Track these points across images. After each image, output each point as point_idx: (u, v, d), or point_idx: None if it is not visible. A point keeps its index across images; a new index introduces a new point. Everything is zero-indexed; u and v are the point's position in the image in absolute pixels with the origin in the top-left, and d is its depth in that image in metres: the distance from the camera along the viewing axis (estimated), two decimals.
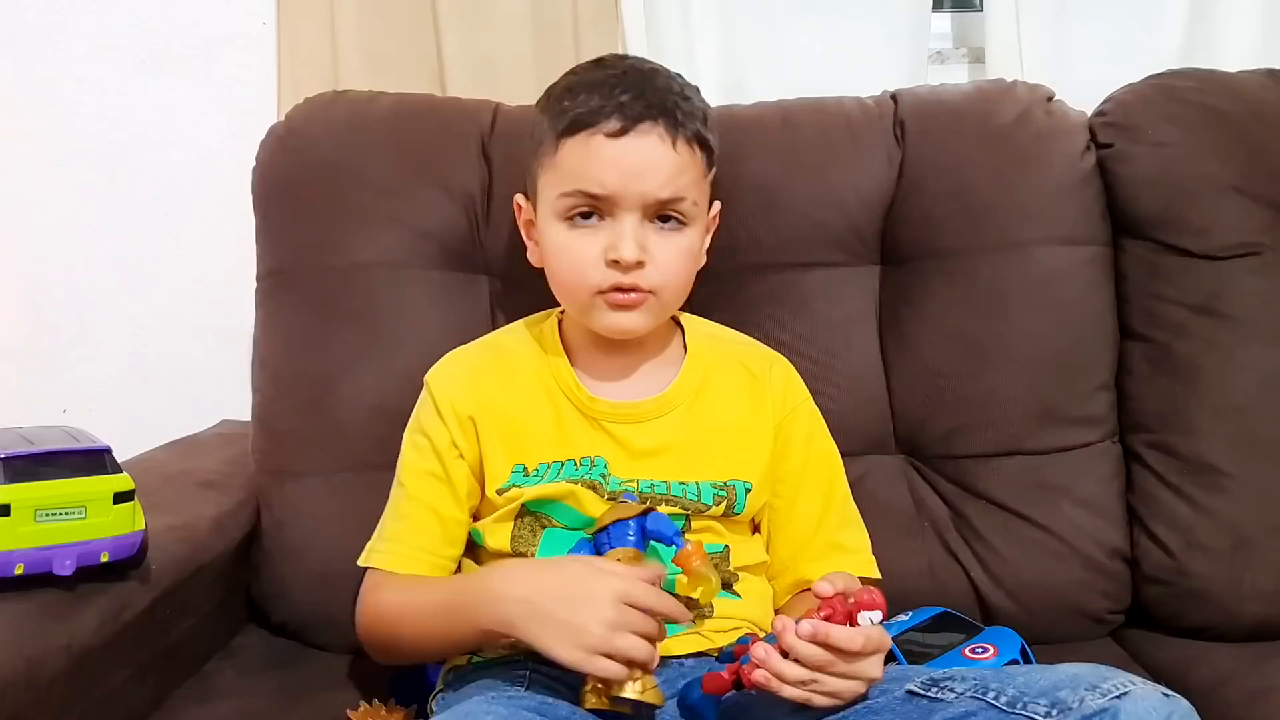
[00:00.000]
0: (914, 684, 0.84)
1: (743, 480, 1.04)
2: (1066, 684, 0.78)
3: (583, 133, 0.96)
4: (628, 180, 0.96)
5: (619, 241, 0.96)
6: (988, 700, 0.80)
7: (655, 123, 0.96)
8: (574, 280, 1.00)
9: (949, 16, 1.64)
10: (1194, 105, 1.25)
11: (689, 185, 0.99)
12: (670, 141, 0.97)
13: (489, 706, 0.85)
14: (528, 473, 1.02)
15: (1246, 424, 1.19)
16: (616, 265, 0.97)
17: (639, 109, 0.96)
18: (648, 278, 0.98)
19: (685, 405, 1.05)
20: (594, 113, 0.96)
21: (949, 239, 1.24)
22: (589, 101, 0.97)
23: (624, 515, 0.94)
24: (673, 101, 0.98)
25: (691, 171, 0.99)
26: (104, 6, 1.50)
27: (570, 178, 0.97)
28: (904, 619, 1.11)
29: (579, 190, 0.97)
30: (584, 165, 0.96)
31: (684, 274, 1.02)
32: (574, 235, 0.99)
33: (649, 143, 0.96)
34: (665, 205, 0.98)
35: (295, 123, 1.29)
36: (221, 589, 1.19)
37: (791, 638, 0.82)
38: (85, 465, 0.94)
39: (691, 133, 0.98)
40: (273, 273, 1.27)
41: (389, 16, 1.47)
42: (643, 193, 0.96)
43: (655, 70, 1.02)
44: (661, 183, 0.97)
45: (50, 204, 1.53)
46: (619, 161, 0.96)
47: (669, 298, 1.01)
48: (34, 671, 0.87)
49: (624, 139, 0.96)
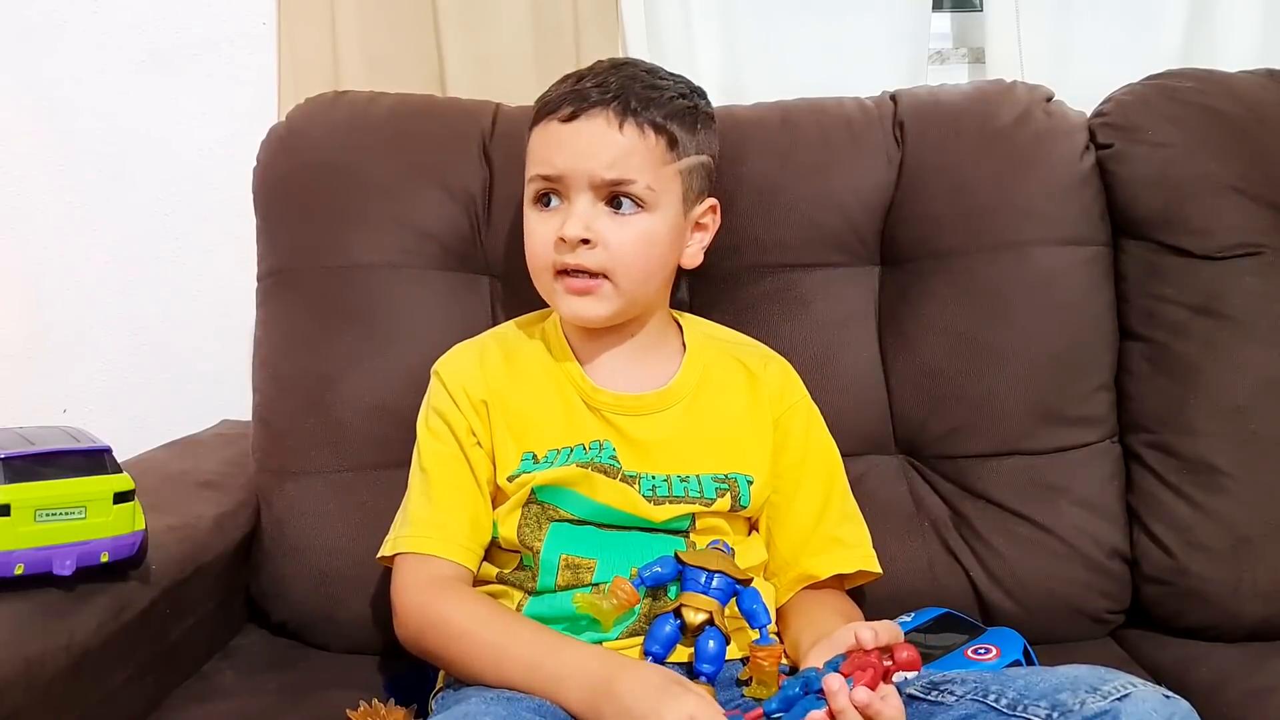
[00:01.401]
0: (914, 687, 0.84)
1: (744, 473, 1.04)
2: (1067, 686, 0.78)
3: (543, 120, 1.02)
4: (574, 160, 0.99)
5: (566, 219, 0.99)
6: (988, 703, 0.80)
7: (605, 108, 0.99)
8: (534, 262, 1.04)
9: (949, 16, 1.63)
10: (1194, 105, 1.25)
11: (639, 168, 0.99)
12: (618, 124, 0.99)
13: (488, 707, 0.85)
14: (537, 459, 1.02)
15: (1246, 424, 1.19)
16: (563, 244, 0.99)
17: (592, 96, 1.00)
18: (595, 258, 0.99)
19: (686, 400, 1.06)
20: (553, 101, 1.02)
21: (948, 239, 1.24)
22: (556, 92, 1.03)
23: (709, 564, 0.94)
24: (634, 90, 1.00)
25: (642, 155, 1.00)
26: (104, 6, 1.50)
27: (532, 163, 1.03)
28: (906, 620, 1.11)
29: (537, 174, 1.02)
30: (541, 149, 1.02)
31: (640, 258, 1.01)
32: (537, 218, 1.03)
33: (595, 125, 0.99)
34: (614, 186, 0.99)
35: (295, 123, 1.29)
36: (221, 589, 1.19)
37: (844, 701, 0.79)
38: (85, 465, 0.94)
39: (646, 119, 1.00)
40: (273, 273, 1.27)
41: (389, 17, 1.47)
42: (589, 171, 0.99)
43: (640, 67, 1.06)
44: (606, 163, 0.99)
45: (50, 204, 1.53)
46: (566, 143, 1.00)
47: (627, 284, 1.01)
48: (34, 671, 0.87)
49: (573, 122, 1.00)
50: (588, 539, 1.00)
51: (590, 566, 1.00)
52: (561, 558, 1.00)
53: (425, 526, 1.01)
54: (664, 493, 1.01)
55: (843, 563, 1.05)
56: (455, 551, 1.00)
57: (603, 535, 1.01)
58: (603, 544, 1.00)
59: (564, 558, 1.00)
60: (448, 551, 1.00)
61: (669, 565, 0.96)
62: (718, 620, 0.93)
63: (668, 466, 1.02)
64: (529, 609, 1.00)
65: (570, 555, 1.00)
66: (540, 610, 0.99)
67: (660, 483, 1.01)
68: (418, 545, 1.00)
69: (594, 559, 1.00)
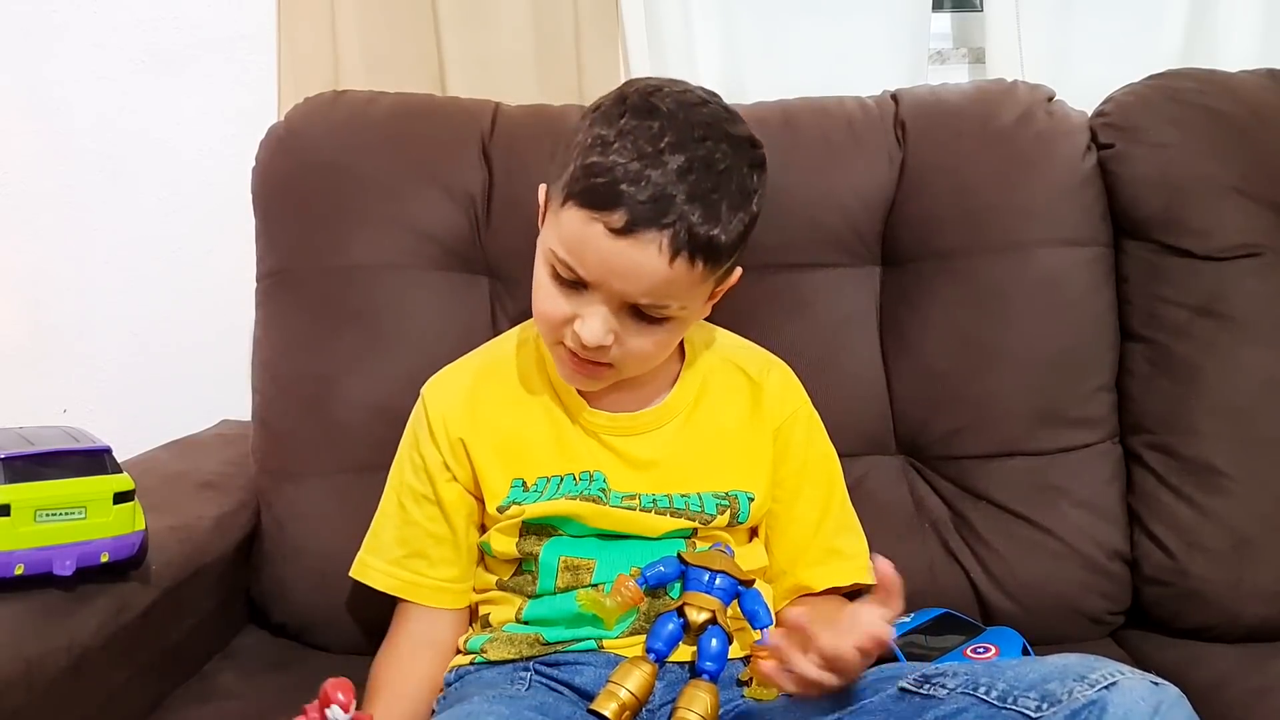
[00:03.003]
0: (906, 681, 0.84)
1: (745, 490, 1.03)
2: (1055, 676, 0.79)
3: (588, 211, 0.90)
4: (611, 277, 0.91)
5: (584, 323, 0.92)
6: (978, 695, 0.80)
7: (660, 231, 0.88)
8: (542, 321, 0.98)
9: (949, 16, 1.63)
10: (1194, 106, 1.25)
11: (677, 294, 0.93)
12: (669, 256, 0.89)
13: (491, 706, 0.85)
14: (526, 487, 1.01)
15: (1247, 425, 1.19)
16: (578, 339, 0.93)
17: (648, 212, 0.88)
18: (609, 354, 0.95)
19: (684, 416, 1.05)
20: (605, 197, 0.89)
21: (950, 239, 1.24)
22: (610, 175, 0.89)
23: (712, 564, 0.95)
24: (697, 210, 0.89)
25: (684, 284, 0.92)
26: (104, 6, 1.50)
27: (563, 245, 0.92)
28: (906, 620, 1.11)
29: (565, 261, 0.92)
30: (577, 244, 0.91)
31: (654, 359, 0.99)
32: (554, 288, 0.95)
33: (645, 251, 0.89)
34: (643, 306, 0.93)
35: (295, 123, 1.29)
36: (221, 589, 1.19)
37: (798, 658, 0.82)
38: (85, 465, 0.94)
39: (700, 252, 0.90)
40: (273, 273, 1.27)
41: (389, 16, 1.46)
42: (623, 291, 0.91)
43: (702, 139, 0.91)
44: (644, 289, 0.91)
45: (50, 204, 1.53)
46: (609, 259, 0.90)
47: (633, 371, 0.99)
48: (34, 672, 0.87)
49: (622, 240, 0.89)
50: (587, 544, 1.00)
51: (590, 567, 0.99)
52: (561, 559, 1.00)
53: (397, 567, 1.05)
54: (665, 505, 1.01)
55: (839, 575, 1.05)
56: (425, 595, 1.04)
57: (602, 540, 1.01)
58: (602, 545, 1.00)
59: (563, 559, 1.00)
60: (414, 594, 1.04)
61: (672, 565, 0.96)
62: (720, 619, 0.93)
63: (666, 486, 1.02)
64: (529, 612, 1.00)
65: (569, 557, 1.00)
66: (541, 612, 0.99)
67: (661, 498, 1.01)
68: (386, 585, 1.05)
69: (593, 559, 1.00)
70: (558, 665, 0.96)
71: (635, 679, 0.90)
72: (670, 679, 0.94)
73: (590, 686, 0.93)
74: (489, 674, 0.97)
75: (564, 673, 0.95)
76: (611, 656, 0.96)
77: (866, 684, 0.86)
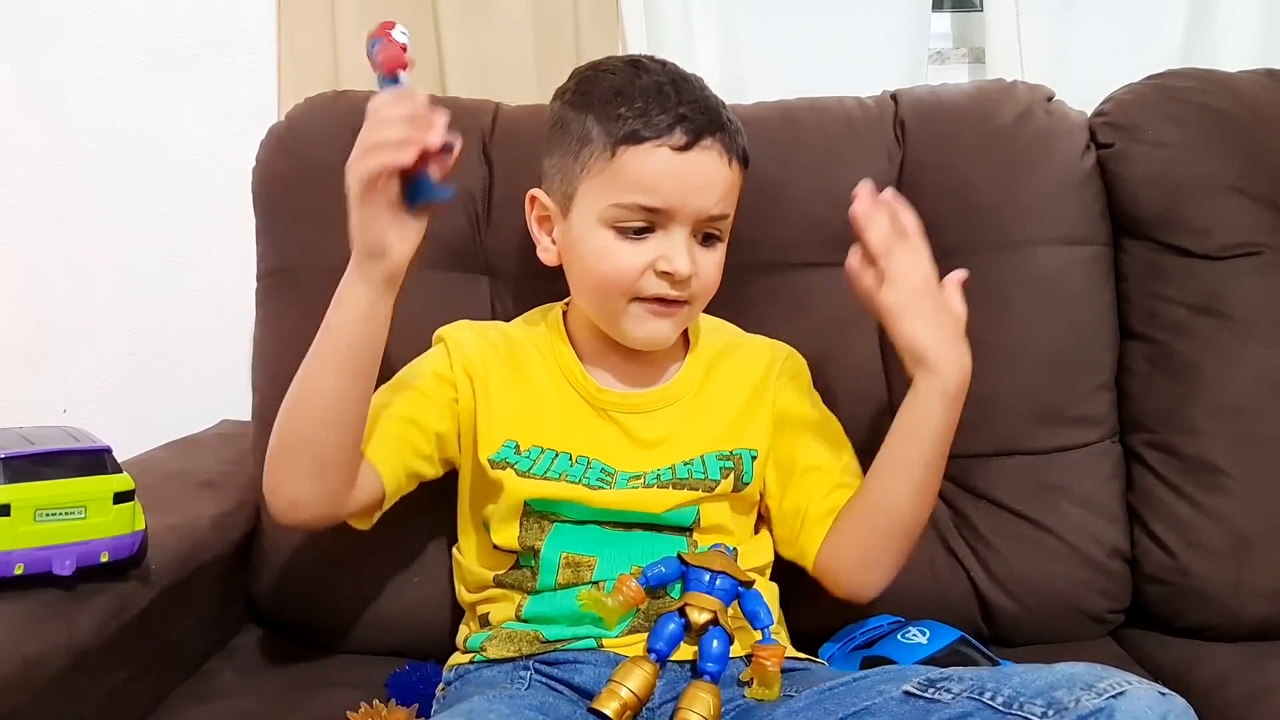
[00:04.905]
0: (911, 684, 0.84)
1: (748, 448, 1.04)
2: (1063, 684, 0.78)
3: (648, 143, 0.95)
4: (688, 195, 0.96)
5: (674, 255, 0.96)
6: (984, 700, 0.80)
7: (715, 138, 0.97)
8: (615, 285, 0.99)
9: (949, 16, 1.64)
10: (1194, 105, 1.25)
11: (734, 201, 1.01)
12: (727, 159, 0.98)
13: (491, 705, 0.85)
14: (519, 450, 1.01)
15: (1247, 424, 1.19)
16: (668, 277, 0.97)
17: (702, 123, 0.96)
18: (690, 288, 0.99)
19: (692, 394, 1.06)
20: (659, 124, 0.95)
21: (949, 238, 1.23)
22: (650, 111, 0.95)
23: (712, 565, 0.95)
24: (725, 116, 0.99)
25: (737, 189, 1.01)
26: (104, 6, 1.50)
27: (629, 188, 0.96)
28: (921, 642, 1.09)
29: (638, 204, 0.96)
30: (646, 177, 0.95)
31: (716, 284, 1.03)
32: (623, 244, 0.98)
33: (710, 159, 0.97)
34: (713, 221, 0.99)
35: (295, 123, 1.29)
36: (221, 589, 1.19)
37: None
38: (85, 465, 0.94)
39: (740, 149, 1.00)
40: (273, 273, 1.27)
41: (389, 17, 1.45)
42: (699, 208, 0.97)
43: (696, 79, 1.02)
44: (717, 199, 0.98)
45: (50, 204, 1.53)
46: (684, 177, 0.96)
47: (700, 307, 1.04)
48: (34, 671, 0.87)
49: (689, 153, 0.95)
50: (590, 536, 1.00)
51: (590, 564, 1.00)
52: (562, 556, 1.00)
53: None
54: (668, 478, 1.01)
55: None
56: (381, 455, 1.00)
57: (604, 533, 1.00)
58: (604, 541, 1.00)
59: (564, 555, 1.00)
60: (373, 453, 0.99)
61: (673, 565, 0.96)
62: (721, 620, 0.93)
63: (672, 458, 1.02)
64: (529, 608, 1.00)
65: (571, 553, 1.00)
66: (541, 609, 0.99)
67: (665, 472, 1.01)
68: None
69: (594, 556, 1.00)
70: (557, 664, 0.96)
71: (636, 678, 0.90)
72: (671, 678, 0.94)
73: (590, 686, 0.93)
74: (489, 673, 0.97)
75: (564, 672, 0.95)
76: (611, 656, 0.96)
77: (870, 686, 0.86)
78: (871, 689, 0.85)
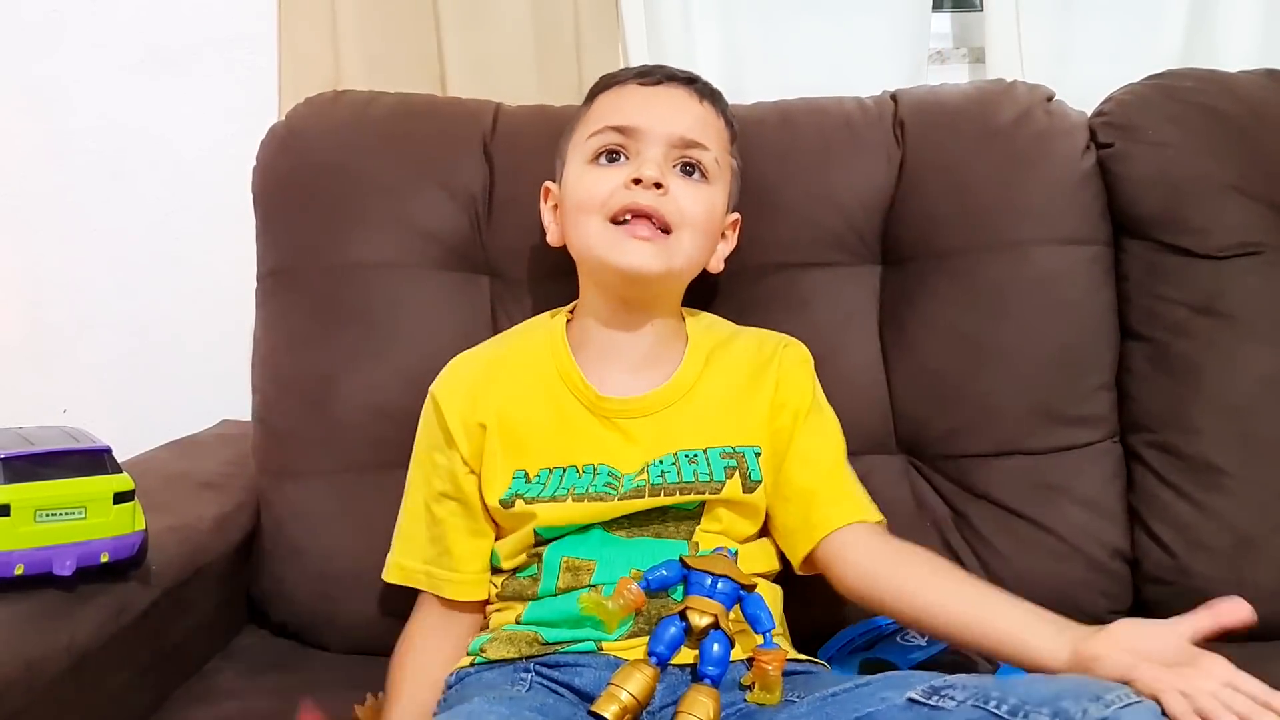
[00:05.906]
0: (914, 691, 0.83)
1: (751, 445, 1.03)
2: (1069, 694, 0.77)
3: (615, 86, 1.07)
4: (655, 117, 1.02)
5: (642, 165, 1.00)
6: (989, 709, 0.79)
7: (681, 85, 1.06)
8: (589, 204, 1.01)
9: (949, 16, 1.63)
10: (1194, 105, 1.25)
11: (712, 139, 1.04)
12: (697, 98, 1.05)
13: (491, 706, 0.85)
14: (529, 479, 1.01)
15: (1247, 423, 1.19)
16: (637, 184, 0.99)
17: (674, 73, 1.07)
18: (666, 206, 0.99)
19: (691, 391, 1.05)
20: (626, 73, 1.08)
21: (949, 239, 1.24)
22: (623, 73, 1.09)
23: (713, 568, 0.94)
24: (700, 80, 1.08)
25: (714, 130, 1.05)
26: (104, 6, 1.50)
27: (600, 118, 1.04)
28: (920, 645, 1.08)
29: (607, 125, 1.02)
30: (614, 106, 1.04)
31: (702, 223, 1.03)
32: (597, 168, 1.03)
33: (677, 93, 1.05)
34: (690, 148, 1.02)
35: (295, 123, 1.29)
36: (222, 590, 1.19)
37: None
38: (85, 465, 0.94)
39: (718, 106, 1.07)
40: (273, 273, 1.27)
41: (389, 16, 1.47)
42: (669, 131, 1.01)
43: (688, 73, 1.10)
44: (688, 124, 1.02)
45: (50, 204, 1.53)
46: (648, 101, 1.04)
47: (684, 244, 1.02)
48: (34, 672, 0.87)
49: (654, 87, 1.05)
50: (589, 541, 1.00)
51: (590, 568, 0.99)
52: (562, 560, 1.00)
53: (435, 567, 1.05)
54: (673, 479, 1.00)
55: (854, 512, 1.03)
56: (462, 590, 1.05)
57: (604, 537, 1.00)
58: (604, 544, 1.00)
59: (565, 560, 1.00)
60: (455, 592, 1.05)
61: (673, 568, 0.96)
62: (723, 624, 0.93)
63: (674, 445, 1.02)
64: (529, 614, 1.00)
65: (571, 557, 1.00)
66: (542, 614, 0.99)
67: (669, 467, 1.01)
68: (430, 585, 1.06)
69: (593, 560, 1.00)
70: (558, 666, 0.96)
71: (636, 682, 0.89)
72: (671, 682, 0.93)
73: (590, 688, 0.93)
74: (489, 675, 0.97)
75: (564, 674, 0.95)
76: (611, 659, 0.95)
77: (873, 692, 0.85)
78: (874, 695, 0.84)
